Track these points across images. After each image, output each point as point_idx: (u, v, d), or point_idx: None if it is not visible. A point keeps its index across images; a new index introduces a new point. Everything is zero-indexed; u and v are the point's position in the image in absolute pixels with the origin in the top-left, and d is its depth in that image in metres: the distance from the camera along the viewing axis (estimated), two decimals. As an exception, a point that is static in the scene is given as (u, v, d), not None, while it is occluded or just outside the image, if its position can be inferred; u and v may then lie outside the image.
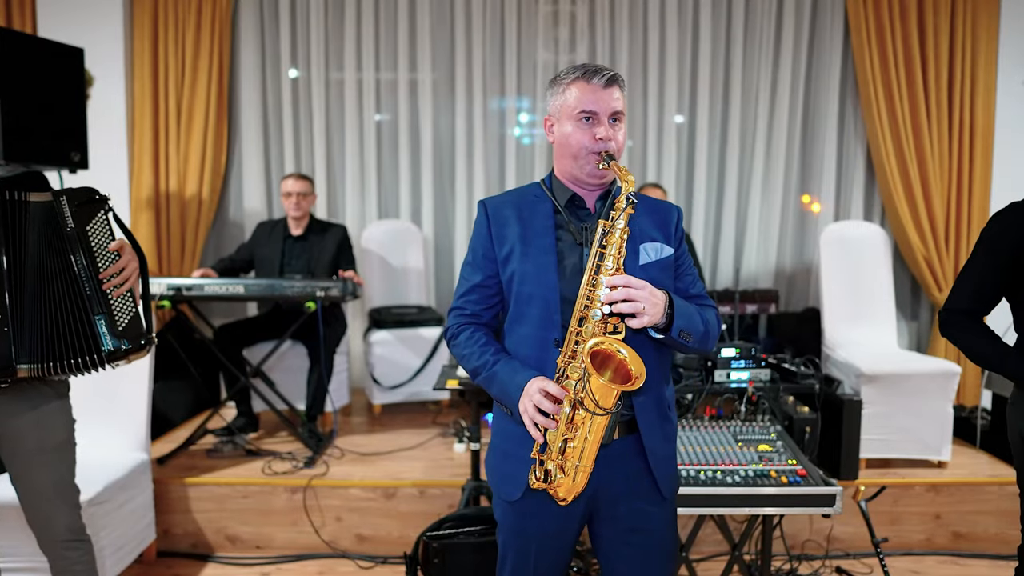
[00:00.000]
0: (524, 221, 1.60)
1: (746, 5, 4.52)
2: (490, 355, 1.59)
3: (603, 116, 1.53)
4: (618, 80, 1.57)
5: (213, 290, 3.44)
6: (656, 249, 1.59)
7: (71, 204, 1.84)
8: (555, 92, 1.59)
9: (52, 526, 1.96)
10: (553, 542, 1.62)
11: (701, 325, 1.54)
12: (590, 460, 1.45)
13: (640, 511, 1.60)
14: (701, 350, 1.59)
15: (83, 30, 4.07)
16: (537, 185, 1.66)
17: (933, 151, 4.21)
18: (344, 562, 3.06)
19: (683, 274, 1.65)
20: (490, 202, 1.66)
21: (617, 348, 1.44)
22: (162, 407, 3.82)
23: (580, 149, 1.54)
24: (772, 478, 2.20)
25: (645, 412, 1.57)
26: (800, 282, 4.73)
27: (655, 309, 1.43)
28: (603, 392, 1.40)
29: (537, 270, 1.56)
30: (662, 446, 1.60)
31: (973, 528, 3.17)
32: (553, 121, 1.61)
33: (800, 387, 2.86)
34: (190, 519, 3.14)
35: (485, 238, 1.63)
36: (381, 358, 4.14)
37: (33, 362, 1.81)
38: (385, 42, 4.61)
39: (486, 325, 1.67)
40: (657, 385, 1.58)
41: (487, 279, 1.63)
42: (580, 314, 1.48)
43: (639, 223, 1.58)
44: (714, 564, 2.98)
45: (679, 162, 4.68)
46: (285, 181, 3.88)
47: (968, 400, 4.17)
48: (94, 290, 1.84)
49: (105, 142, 4.17)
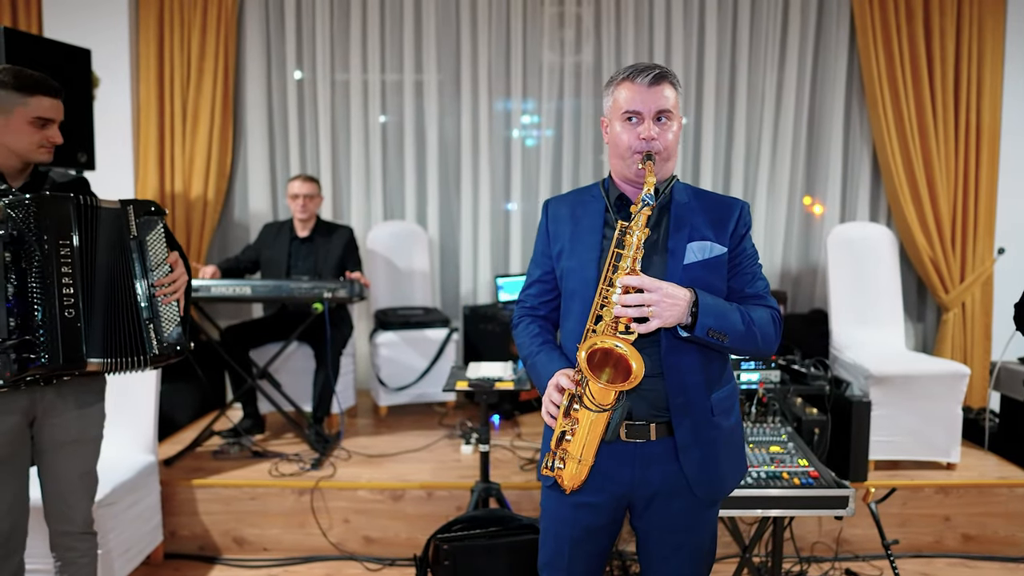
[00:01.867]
0: (576, 219, 1.65)
1: (752, 6, 4.52)
2: (536, 345, 1.67)
3: (647, 115, 1.53)
4: (668, 77, 1.55)
5: (220, 291, 3.44)
6: (704, 248, 1.56)
7: (137, 214, 1.98)
8: (607, 93, 1.62)
9: (71, 516, 2.04)
10: (586, 534, 1.65)
11: (741, 325, 1.50)
12: (590, 454, 1.49)
13: (677, 513, 1.61)
14: (748, 350, 1.55)
15: (89, 31, 4.08)
16: (597, 185, 1.70)
17: (939, 152, 4.20)
18: (352, 564, 3.05)
19: (740, 272, 1.61)
20: (551, 202, 1.73)
21: (615, 344, 1.45)
22: (168, 409, 3.81)
23: (625, 149, 1.56)
24: (784, 480, 2.19)
25: (682, 416, 1.56)
26: (806, 283, 4.72)
27: (673, 310, 1.43)
28: (600, 392, 1.43)
29: (580, 267, 1.60)
30: (697, 448, 1.57)
31: (983, 530, 3.16)
32: (607, 122, 1.64)
33: (810, 388, 2.86)
34: (197, 521, 3.13)
35: (543, 236, 1.71)
36: (387, 359, 4.14)
37: (103, 357, 1.92)
38: (390, 43, 4.61)
39: (544, 318, 1.74)
40: (699, 390, 1.56)
41: (544, 275, 1.71)
42: (596, 313, 1.51)
43: (693, 221, 1.58)
44: (724, 566, 2.97)
45: (685, 164, 4.67)
46: (292, 183, 3.88)
47: (975, 402, 4.16)
48: (147, 296, 1.97)
49: (111, 143, 4.18)
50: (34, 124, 1.89)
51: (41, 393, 1.95)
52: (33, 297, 1.82)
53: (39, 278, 1.82)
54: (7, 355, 1.77)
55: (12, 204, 1.80)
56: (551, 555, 1.70)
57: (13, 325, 1.78)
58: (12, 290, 1.79)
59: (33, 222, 1.81)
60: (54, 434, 1.99)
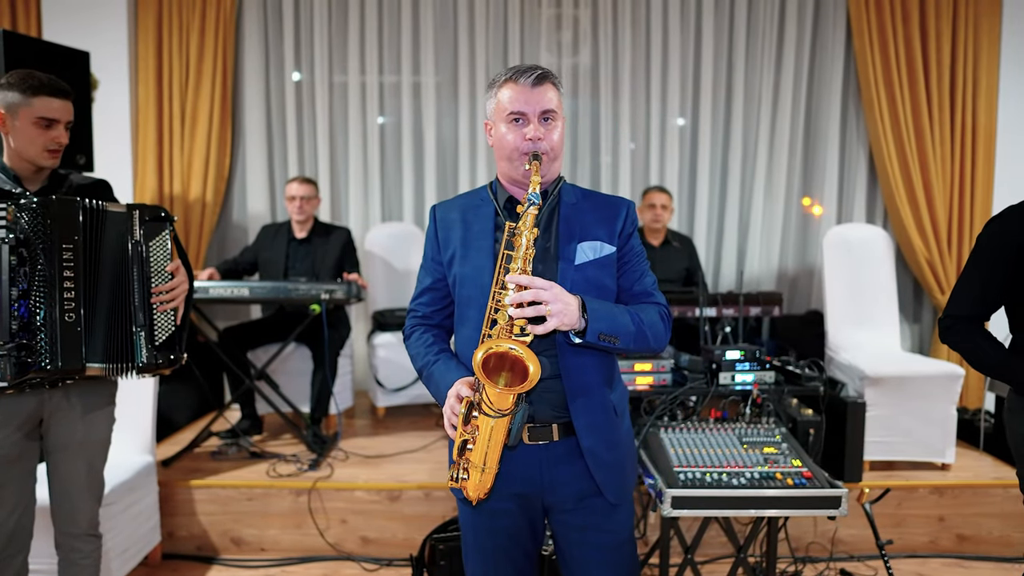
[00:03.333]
0: (467, 224, 1.62)
1: (748, 8, 4.53)
2: (432, 355, 1.63)
3: (532, 116, 1.53)
4: (549, 78, 1.56)
5: (218, 292, 3.45)
6: (595, 248, 1.57)
7: (142, 219, 1.97)
8: (490, 95, 1.60)
9: (77, 517, 2.05)
10: (506, 540, 1.63)
11: (631, 325, 1.50)
12: (493, 462, 1.47)
13: (590, 511, 1.61)
14: (640, 351, 1.56)
15: (87, 33, 4.09)
16: (484, 189, 1.68)
17: (935, 153, 4.22)
18: (349, 564, 3.06)
19: (628, 270, 1.62)
20: (439, 207, 1.69)
21: (509, 347, 1.42)
22: (166, 409, 3.82)
23: (512, 151, 1.55)
24: (778, 480, 2.20)
25: (582, 416, 1.56)
26: (803, 285, 4.74)
27: (567, 310, 1.41)
28: (497, 396, 1.41)
29: (474, 272, 1.57)
30: (605, 451, 1.58)
31: (977, 530, 3.17)
32: (491, 124, 1.61)
33: (805, 389, 2.87)
34: (195, 521, 3.14)
35: (433, 242, 1.67)
36: (385, 360, 4.15)
37: (104, 362, 1.92)
38: (388, 45, 4.63)
39: (437, 326, 1.71)
40: (597, 388, 1.58)
41: (436, 282, 1.68)
42: (491, 317, 1.49)
43: (582, 221, 1.59)
44: (718, 566, 2.99)
45: (682, 165, 4.68)
46: (289, 185, 3.89)
47: (971, 403, 4.17)
48: (142, 303, 1.95)
49: (109, 145, 4.19)
50: (38, 124, 1.91)
51: (49, 395, 1.96)
52: (36, 301, 1.83)
53: (42, 282, 1.83)
54: (8, 358, 1.78)
55: (21, 208, 1.81)
56: (477, 568, 1.67)
57: (15, 328, 1.79)
58: (16, 293, 1.80)
59: (40, 226, 1.83)
60: (60, 436, 2.00)
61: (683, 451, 2.36)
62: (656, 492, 2.21)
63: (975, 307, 1.91)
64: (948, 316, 1.95)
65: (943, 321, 1.96)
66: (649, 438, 2.46)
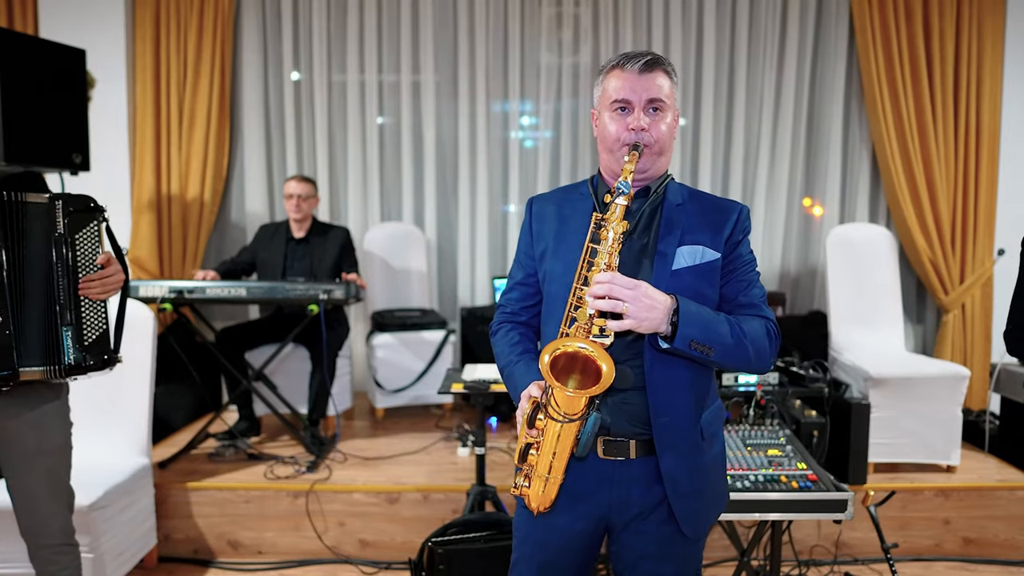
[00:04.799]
0: (563, 218, 1.53)
1: (750, 7, 4.50)
2: (515, 355, 1.54)
3: (637, 105, 1.42)
4: (661, 64, 1.44)
5: (215, 293, 3.42)
6: (696, 253, 1.44)
7: (66, 209, 1.84)
8: (597, 83, 1.51)
9: (46, 529, 1.94)
10: (557, 556, 1.53)
11: (730, 337, 1.36)
12: (558, 471, 1.38)
13: (654, 540, 1.48)
14: (738, 367, 1.42)
15: (85, 32, 4.06)
16: (585, 183, 1.58)
17: (939, 152, 4.18)
18: (347, 568, 3.02)
19: (734, 279, 1.48)
20: (536, 200, 1.61)
21: (579, 346, 1.31)
22: (163, 411, 3.79)
23: (614, 141, 1.44)
24: (783, 483, 2.17)
25: (665, 435, 1.42)
26: (805, 285, 4.70)
27: (651, 313, 1.30)
28: (566, 399, 1.31)
29: (563, 269, 1.46)
30: (687, 478, 1.45)
31: (983, 533, 3.14)
32: (596, 114, 1.52)
33: (809, 391, 2.84)
34: (191, 524, 3.11)
35: (527, 236, 1.59)
36: (384, 361, 4.12)
37: (44, 364, 1.82)
38: (388, 44, 4.60)
39: (525, 324, 1.61)
40: (686, 408, 1.44)
41: (527, 277, 1.59)
42: (570, 315, 1.39)
43: (686, 224, 1.46)
44: (722, 570, 2.95)
45: (683, 165, 4.65)
46: (287, 183, 3.86)
47: (975, 404, 4.13)
48: (68, 300, 1.84)
49: (106, 144, 4.16)
50: None
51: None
52: None
53: None
54: None
55: None
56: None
57: None
58: None
59: None
60: (12, 446, 1.89)
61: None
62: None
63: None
64: (1011, 330, 1.86)
65: (1009, 335, 1.87)
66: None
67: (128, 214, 4.32)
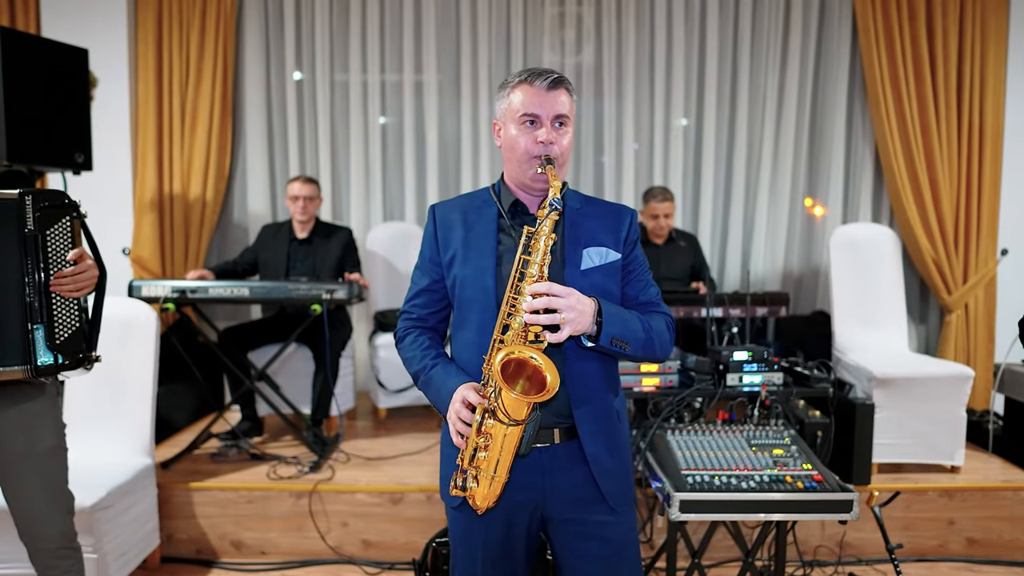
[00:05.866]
0: (469, 226, 1.60)
1: (753, 6, 4.49)
2: (429, 359, 1.60)
3: (546, 119, 1.51)
4: (564, 83, 1.55)
5: (218, 293, 3.41)
6: (601, 254, 1.57)
7: (36, 205, 1.79)
8: (501, 96, 1.59)
9: (45, 533, 1.91)
10: (499, 549, 1.59)
11: (642, 332, 1.51)
12: (504, 470, 1.45)
13: (591, 520, 1.58)
14: (647, 358, 1.57)
15: (87, 31, 4.06)
16: (487, 190, 1.66)
17: (942, 152, 4.18)
18: (350, 568, 3.02)
19: (633, 279, 1.63)
20: (439, 207, 1.66)
21: (530, 355, 1.42)
22: (165, 411, 3.79)
23: (523, 153, 1.53)
24: (788, 483, 2.16)
25: (586, 422, 1.55)
26: (808, 285, 4.70)
27: (581, 318, 1.41)
28: (514, 405, 1.39)
29: (476, 274, 1.55)
30: (608, 458, 1.57)
31: (987, 534, 3.13)
32: (500, 125, 1.60)
33: (813, 391, 2.83)
34: (194, 524, 3.11)
35: (432, 242, 1.64)
36: (386, 361, 4.11)
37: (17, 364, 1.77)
38: (390, 44, 4.59)
39: (432, 329, 1.68)
40: (601, 395, 1.57)
41: (433, 283, 1.65)
42: (504, 322, 1.48)
43: (587, 227, 1.58)
44: (726, 570, 2.95)
45: (686, 165, 4.65)
46: (291, 184, 3.84)
47: (979, 404, 4.13)
48: (38, 297, 1.79)
49: (109, 143, 4.16)
50: None
51: None
52: None
53: None
54: None
55: None
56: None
57: None
58: None
59: None
60: (1, 448, 1.86)
61: (690, 453, 2.32)
62: (664, 496, 2.17)
63: None
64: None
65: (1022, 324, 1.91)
66: (656, 440, 2.42)
67: (130, 214, 4.32)
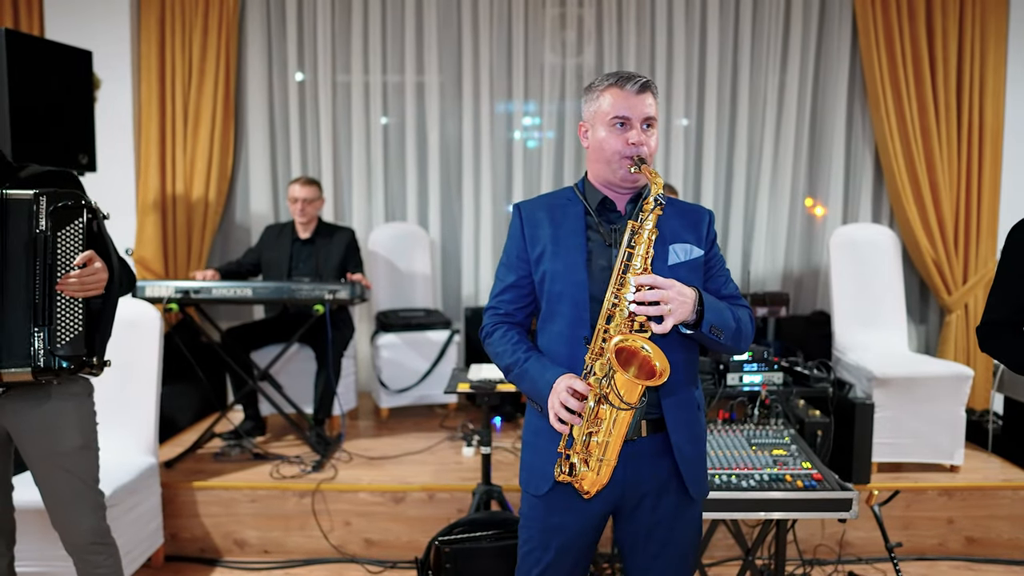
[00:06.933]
0: (556, 223, 1.65)
1: (754, 7, 4.51)
2: (522, 352, 1.64)
3: (636, 121, 1.57)
4: (651, 87, 1.61)
5: (220, 293, 3.43)
6: (686, 250, 1.63)
7: (48, 206, 1.79)
8: (590, 99, 1.64)
9: (75, 530, 1.96)
10: (575, 539, 1.65)
11: (733, 322, 1.58)
12: (614, 454, 1.49)
13: (665, 509, 1.63)
14: (734, 348, 1.63)
15: (90, 33, 4.07)
16: (570, 189, 1.71)
17: (942, 153, 4.19)
18: (353, 567, 3.04)
19: (715, 275, 1.69)
20: (524, 205, 1.71)
21: (641, 344, 1.48)
22: (169, 410, 3.80)
23: (613, 154, 1.58)
24: (787, 482, 2.18)
25: (673, 411, 1.60)
26: (808, 285, 4.71)
27: (683, 308, 1.47)
28: (628, 388, 1.43)
29: (567, 269, 1.61)
30: (690, 446, 1.62)
31: (987, 533, 3.15)
32: (588, 127, 1.66)
33: (813, 391, 2.84)
34: (198, 523, 3.12)
35: (519, 239, 1.68)
36: (388, 361, 4.13)
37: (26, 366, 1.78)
38: (392, 45, 4.61)
39: (519, 324, 1.72)
40: (685, 386, 1.63)
41: (520, 279, 1.68)
42: (608, 312, 1.53)
43: (670, 225, 1.62)
44: (727, 569, 2.96)
45: (686, 165, 4.66)
46: (292, 186, 3.85)
47: (979, 404, 4.14)
48: (43, 299, 1.78)
49: (112, 144, 4.17)
50: None
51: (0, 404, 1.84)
52: None
53: None
54: None
55: None
56: (536, 565, 1.66)
57: None
58: None
59: None
60: (27, 448, 1.89)
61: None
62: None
63: (1012, 312, 1.88)
64: (985, 324, 1.91)
65: (981, 330, 1.92)
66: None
67: (133, 214, 4.34)
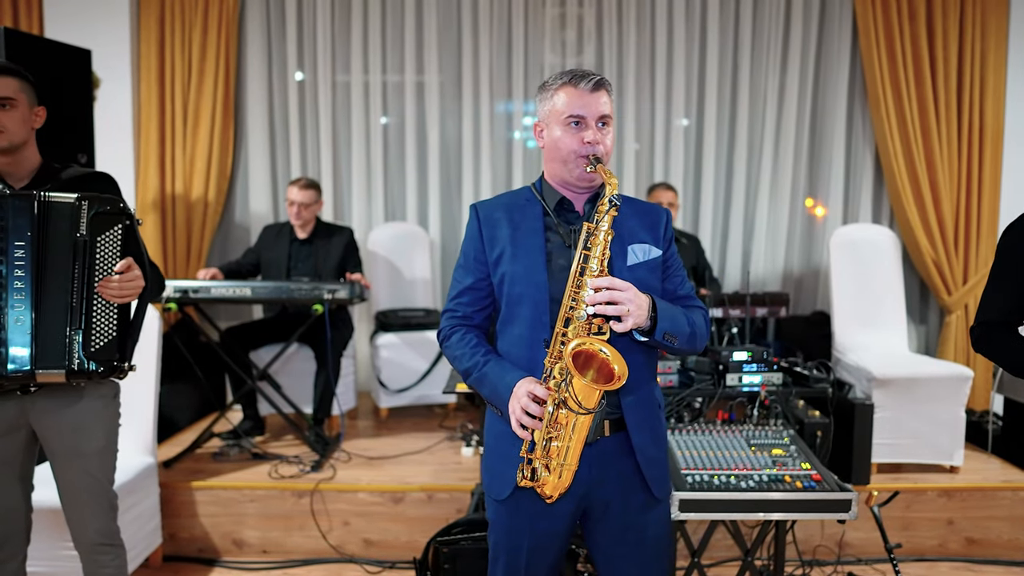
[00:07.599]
0: (514, 224, 1.63)
1: (754, 7, 4.50)
2: (480, 356, 1.62)
3: (591, 120, 1.56)
4: (605, 84, 1.59)
5: (220, 292, 3.43)
6: (644, 250, 1.62)
7: (90, 211, 1.83)
8: (544, 98, 1.62)
9: (85, 528, 1.99)
10: (544, 540, 1.63)
11: (687, 327, 1.57)
12: (574, 458, 1.48)
13: (633, 510, 1.63)
14: (689, 351, 1.62)
15: (89, 32, 4.07)
16: (528, 189, 1.70)
17: (942, 153, 4.19)
18: (352, 567, 3.03)
19: (672, 275, 1.69)
20: (481, 206, 1.69)
21: (599, 348, 1.47)
22: (167, 410, 3.80)
23: (569, 153, 1.57)
24: (787, 483, 2.17)
25: (633, 411, 1.60)
26: (808, 285, 4.71)
27: (639, 311, 1.46)
28: (585, 392, 1.43)
29: (526, 271, 1.59)
30: (651, 446, 1.62)
31: (986, 534, 3.14)
32: (543, 126, 1.64)
33: (812, 391, 2.84)
34: (196, 523, 3.12)
35: (476, 241, 1.66)
36: (388, 361, 4.12)
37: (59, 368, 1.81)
38: (392, 45, 4.60)
39: (478, 327, 1.70)
40: (645, 385, 1.63)
41: (478, 281, 1.66)
42: (566, 315, 1.52)
43: (628, 225, 1.62)
44: (725, 569, 2.96)
45: (686, 165, 4.66)
46: (290, 188, 3.82)
47: (978, 405, 4.13)
48: (80, 303, 1.82)
49: (111, 144, 4.17)
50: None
51: (31, 401, 1.87)
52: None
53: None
54: None
55: None
56: (506, 570, 1.66)
57: None
58: None
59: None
60: (51, 444, 1.93)
61: (690, 453, 2.33)
62: (663, 495, 2.18)
63: (1005, 312, 1.87)
64: (980, 324, 1.90)
65: (974, 331, 1.91)
66: (656, 440, 2.43)
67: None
